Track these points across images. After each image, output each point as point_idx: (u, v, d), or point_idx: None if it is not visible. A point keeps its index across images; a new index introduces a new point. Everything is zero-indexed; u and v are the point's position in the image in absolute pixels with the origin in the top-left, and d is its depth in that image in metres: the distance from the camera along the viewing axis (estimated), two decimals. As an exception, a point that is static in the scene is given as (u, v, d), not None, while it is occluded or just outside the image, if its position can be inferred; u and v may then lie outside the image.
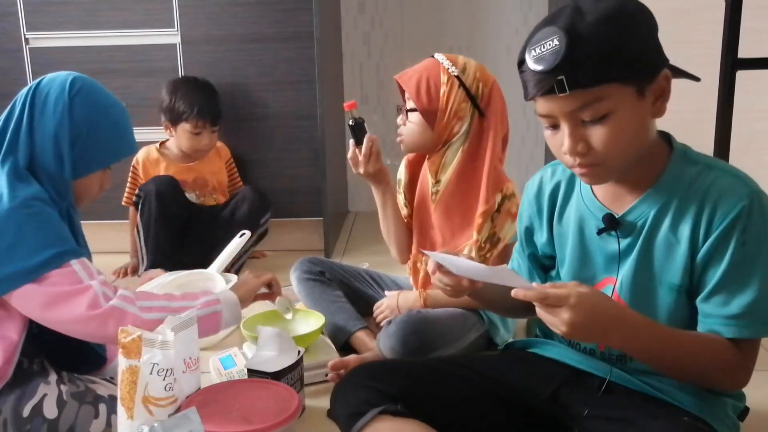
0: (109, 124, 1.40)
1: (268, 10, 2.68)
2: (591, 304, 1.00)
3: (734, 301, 1.06)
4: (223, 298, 1.43)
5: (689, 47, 2.34)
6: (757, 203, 1.05)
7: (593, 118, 1.03)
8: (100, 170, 1.43)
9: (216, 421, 1.22)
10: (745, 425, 1.20)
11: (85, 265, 1.31)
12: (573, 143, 1.06)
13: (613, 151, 1.05)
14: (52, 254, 1.27)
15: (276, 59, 2.71)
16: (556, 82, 1.00)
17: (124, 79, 2.73)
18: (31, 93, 1.36)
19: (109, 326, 1.27)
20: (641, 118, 1.06)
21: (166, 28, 2.71)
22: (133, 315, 1.30)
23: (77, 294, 1.27)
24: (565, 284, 1.03)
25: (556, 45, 1.00)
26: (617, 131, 1.04)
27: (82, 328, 1.28)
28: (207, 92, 2.55)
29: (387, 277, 2.05)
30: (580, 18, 1.01)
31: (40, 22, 2.71)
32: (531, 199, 1.30)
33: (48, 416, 1.29)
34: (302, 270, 1.96)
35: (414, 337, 1.64)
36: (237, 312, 1.45)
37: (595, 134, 1.05)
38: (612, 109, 1.02)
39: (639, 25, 1.02)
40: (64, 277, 1.27)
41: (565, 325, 0.99)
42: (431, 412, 1.20)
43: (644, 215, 1.12)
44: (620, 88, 1.02)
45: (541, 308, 1.01)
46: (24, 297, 1.26)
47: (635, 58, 1.01)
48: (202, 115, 2.49)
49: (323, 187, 2.73)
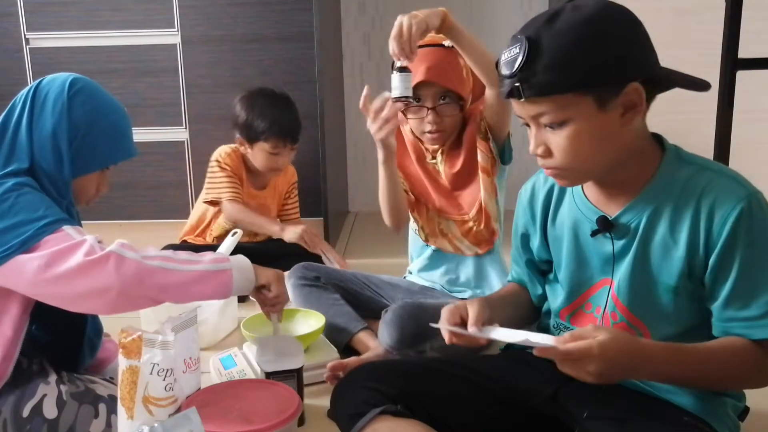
0: (107, 125, 1.40)
1: (268, 10, 2.68)
2: (614, 350, 0.99)
3: (753, 303, 1.05)
4: (234, 259, 1.38)
5: (689, 47, 2.35)
6: (756, 203, 1.04)
7: (551, 124, 1.05)
8: (98, 171, 1.43)
9: (216, 421, 1.22)
10: (745, 425, 1.20)
11: (78, 229, 1.28)
12: (534, 145, 1.09)
13: (571, 158, 1.06)
14: (43, 223, 1.25)
15: (276, 59, 2.71)
16: (513, 88, 1.04)
17: (124, 79, 2.73)
18: (31, 92, 1.36)
19: (109, 269, 1.21)
20: (604, 129, 1.05)
21: (166, 28, 2.71)
22: (134, 260, 1.24)
23: (73, 248, 1.23)
24: (583, 332, 1.01)
25: (516, 52, 1.02)
26: (574, 139, 1.05)
27: (83, 279, 1.22)
28: (286, 107, 2.37)
29: (382, 279, 2.04)
30: (550, 26, 1.01)
31: (40, 23, 2.71)
32: (525, 207, 1.31)
33: (48, 416, 1.29)
34: (297, 276, 1.95)
35: (412, 323, 1.65)
36: (249, 275, 1.38)
37: (554, 140, 1.07)
38: (569, 117, 1.04)
39: (608, 35, 1.01)
40: (56, 240, 1.24)
41: (592, 377, 0.99)
42: (431, 413, 1.20)
43: (638, 217, 1.12)
44: (577, 98, 1.02)
45: (564, 364, 1.00)
46: (18, 269, 1.23)
47: (592, 71, 1.00)
48: (282, 134, 2.32)
49: (323, 187, 2.74)
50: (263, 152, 2.36)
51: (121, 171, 2.06)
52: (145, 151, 2.58)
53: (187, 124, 2.80)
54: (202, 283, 1.30)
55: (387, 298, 1.95)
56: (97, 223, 2.67)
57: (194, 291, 1.30)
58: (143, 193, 2.85)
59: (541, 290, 1.34)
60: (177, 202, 2.88)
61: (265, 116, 2.31)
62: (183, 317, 1.27)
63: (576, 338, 1.00)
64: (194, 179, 2.86)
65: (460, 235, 1.87)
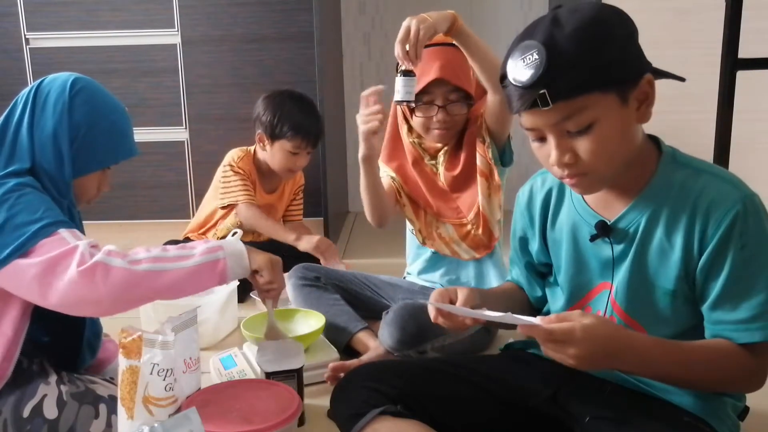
0: (108, 125, 1.40)
1: (268, 10, 2.68)
2: (597, 335, 0.98)
3: (742, 306, 1.05)
4: (226, 245, 1.36)
5: (689, 47, 2.35)
6: (751, 206, 1.04)
7: (578, 129, 1.03)
8: (99, 171, 1.43)
9: (216, 421, 1.22)
10: (745, 425, 1.20)
11: (74, 233, 1.28)
12: (560, 155, 1.06)
13: (600, 159, 1.05)
14: (40, 226, 1.25)
15: (276, 59, 2.71)
16: (538, 96, 1.00)
17: (124, 79, 2.73)
18: (32, 93, 1.37)
19: (97, 283, 1.21)
20: (626, 124, 1.05)
21: (166, 28, 2.71)
22: (119, 269, 1.24)
23: (65, 256, 1.23)
24: (569, 315, 1.01)
25: (536, 59, 1.00)
26: (603, 140, 1.04)
27: (75, 291, 1.22)
28: (312, 112, 2.44)
29: (381, 279, 2.04)
30: (559, 30, 1.00)
31: (40, 23, 2.71)
32: (523, 210, 1.30)
33: (48, 416, 1.29)
34: (297, 277, 1.95)
35: (412, 323, 1.65)
36: (243, 262, 1.37)
37: (581, 144, 1.05)
38: (596, 118, 1.02)
39: (616, 31, 1.02)
40: (51, 245, 1.24)
41: (574, 359, 0.98)
42: (431, 413, 1.20)
43: (636, 221, 1.12)
44: (602, 97, 1.01)
45: (547, 345, 1.00)
46: (16, 274, 1.24)
47: (615, 66, 1.01)
48: (307, 135, 2.38)
49: (323, 187, 2.74)
50: (283, 151, 2.39)
51: (121, 171, 2.06)
52: (145, 151, 2.58)
53: (187, 124, 2.80)
54: (197, 277, 1.29)
55: (387, 299, 1.95)
56: (97, 223, 2.67)
57: (190, 286, 1.30)
58: (143, 193, 2.85)
59: (540, 292, 1.34)
60: (177, 202, 2.88)
61: (293, 116, 2.36)
62: (183, 317, 1.27)
63: (561, 320, 0.99)
64: (194, 179, 2.86)
65: (458, 238, 1.87)
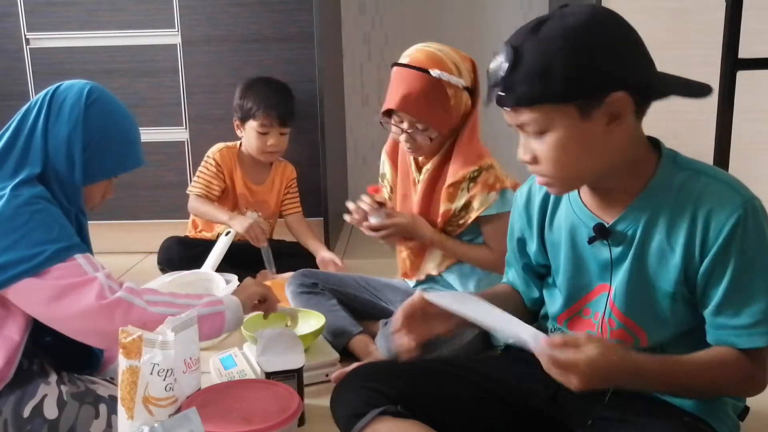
0: (120, 134, 1.42)
1: (268, 10, 2.68)
2: (601, 368, 0.98)
3: (744, 311, 1.05)
4: (226, 300, 1.44)
5: (689, 47, 2.35)
6: (752, 210, 1.03)
7: (534, 133, 1.05)
8: (106, 180, 1.45)
9: (216, 421, 1.22)
10: (745, 425, 1.20)
11: (89, 260, 1.32)
12: (521, 152, 1.10)
13: (555, 166, 1.06)
14: (56, 249, 1.27)
15: (276, 59, 2.71)
16: (498, 96, 1.04)
17: (124, 79, 2.73)
18: (48, 98, 1.39)
19: (116, 318, 1.26)
20: (589, 138, 1.04)
21: (166, 28, 2.71)
22: (140, 308, 1.30)
23: (84, 285, 1.27)
24: (575, 340, 1.00)
25: (501, 60, 1.03)
26: (557, 148, 1.04)
27: (89, 321, 1.27)
28: (279, 91, 2.50)
29: (380, 281, 2.03)
30: (532, 36, 1.01)
31: (40, 23, 2.71)
32: (521, 211, 1.30)
33: (48, 417, 1.29)
34: (296, 284, 1.96)
35: None
36: (239, 314, 1.45)
37: (539, 148, 1.06)
38: (549, 127, 1.03)
39: (585, 47, 0.99)
40: (69, 270, 1.27)
41: (576, 388, 0.99)
42: (431, 413, 1.20)
43: (634, 224, 1.11)
44: (557, 108, 1.02)
45: (550, 368, 0.99)
46: (27, 292, 1.26)
47: (571, 83, 0.99)
48: (270, 111, 2.42)
49: (323, 187, 2.73)
50: (253, 131, 2.45)
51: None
52: (146, 151, 2.54)
53: (187, 124, 2.80)
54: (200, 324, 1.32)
55: (386, 301, 1.95)
56: (97, 223, 2.65)
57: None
58: (143, 193, 2.85)
59: (537, 294, 1.33)
60: (177, 202, 2.87)
61: (258, 95, 2.44)
62: (183, 317, 1.27)
63: (568, 344, 0.99)
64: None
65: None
